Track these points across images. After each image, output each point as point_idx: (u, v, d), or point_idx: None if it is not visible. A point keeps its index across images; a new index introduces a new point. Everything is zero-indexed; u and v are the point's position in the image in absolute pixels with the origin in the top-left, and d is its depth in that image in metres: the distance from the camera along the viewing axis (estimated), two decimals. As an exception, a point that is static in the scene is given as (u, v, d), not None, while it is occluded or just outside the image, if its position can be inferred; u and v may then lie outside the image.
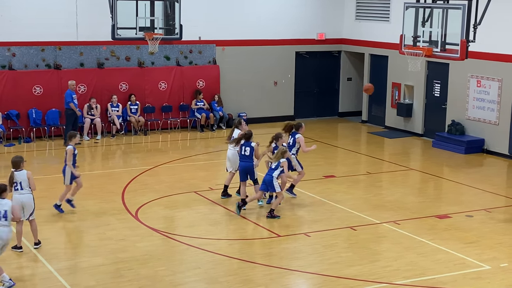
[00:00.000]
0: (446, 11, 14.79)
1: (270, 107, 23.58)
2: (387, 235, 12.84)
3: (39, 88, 20.32)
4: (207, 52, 22.64)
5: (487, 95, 19.44)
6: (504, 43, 18.69)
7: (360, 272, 11.03)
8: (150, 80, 21.75)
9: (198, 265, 11.26)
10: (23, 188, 11.57)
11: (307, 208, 14.38)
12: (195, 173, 16.89)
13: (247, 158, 13.97)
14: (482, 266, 11.37)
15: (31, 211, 11.67)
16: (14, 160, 11.68)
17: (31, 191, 11.67)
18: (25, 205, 11.58)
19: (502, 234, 12.95)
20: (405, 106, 22.08)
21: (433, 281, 10.76)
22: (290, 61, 23.90)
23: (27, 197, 11.61)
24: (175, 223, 13.60)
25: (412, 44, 15.35)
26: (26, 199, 11.60)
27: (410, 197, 15.33)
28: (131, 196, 14.93)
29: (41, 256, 11.45)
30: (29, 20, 20.15)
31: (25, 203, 11.57)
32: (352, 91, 25.10)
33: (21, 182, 11.57)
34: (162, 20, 18.80)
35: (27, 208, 11.61)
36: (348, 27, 24.30)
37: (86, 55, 21.03)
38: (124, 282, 10.52)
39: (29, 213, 11.66)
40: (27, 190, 11.61)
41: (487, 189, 16.05)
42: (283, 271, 11.06)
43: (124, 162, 17.96)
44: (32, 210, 11.68)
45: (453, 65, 20.15)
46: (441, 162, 18.68)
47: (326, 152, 19.46)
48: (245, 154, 13.97)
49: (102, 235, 12.60)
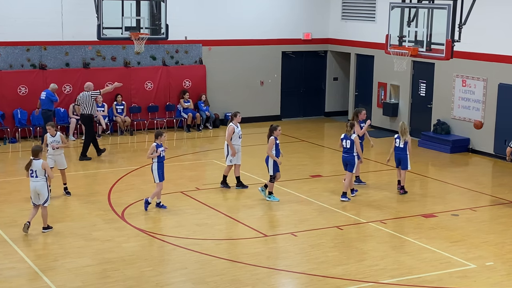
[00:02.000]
0: (431, 11, 14.87)
1: (257, 107, 23.59)
2: (373, 235, 12.88)
3: (24, 88, 20.21)
4: (194, 52, 22.61)
5: (472, 95, 19.54)
6: (489, 42, 18.80)
7: (346, 271, 11.05)
8: (136, 80, 21.69)
9: (184, 265, 11.25)
10: (38, 176, 12.37)
11: (293, 207, 14.40)
12: (181, 173, 16.86)
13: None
14: (467, 264, 11.43)
15: (45, 198, 12.43)
16: (33, 149, 12.51)
17: (45, 179, 12.44)
18: (39, 192, 12.38)
19: (488, 233, 13.03)
20: (391, 105, 22.16)
21: (419, 280, 10.80)
22: (276, 61, 23.92)
23: (40, 184, 12.38)
24: (162, 223, 13.57)
25: (398, 44, 15.41)
26: (40, 186, 12.38)
27: (396, 196, 15.38)
28: (117, 196, 14.89)
29: (27, 257, 11.39)
30: (14, 20, 20.03)
31: (39, 190, 12.37)
32: (338, 91, 25.16)
33: (37, 170, 12.36)
34: (148, 20, 18.77)
35: (42, 195, 12.39)
36: (334, 27, 24.35)
37: (71, 55, 20.94)
38: (110, 283, 10.49)
39: (43, 199, 12.42)
40: (41, 178, 12.38)
41: (473, 188, 16.14)
42: (270, 271, 11.07)
43: (110, 163, 17.89)
44: (46, 198, 12.45)
45: (438, 65, 20.25)
46: (426, 162, 18.76)
47: (312, 152, 19.49)
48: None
49: (88, 235, 12.55)
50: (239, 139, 15.28)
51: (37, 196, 12.43)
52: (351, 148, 14.66)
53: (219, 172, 16.18)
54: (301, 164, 17.49)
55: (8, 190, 15.36)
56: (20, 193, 15.12)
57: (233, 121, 15.28)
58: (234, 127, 15.16)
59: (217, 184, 15.73)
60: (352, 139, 14.63)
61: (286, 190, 15.39)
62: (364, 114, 15.86)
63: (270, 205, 14.45)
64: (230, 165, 15.34)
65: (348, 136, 14.68)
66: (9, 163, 17.90)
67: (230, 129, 15.12)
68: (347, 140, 14.70)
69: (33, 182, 12.41)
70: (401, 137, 15.10)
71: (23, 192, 15.20)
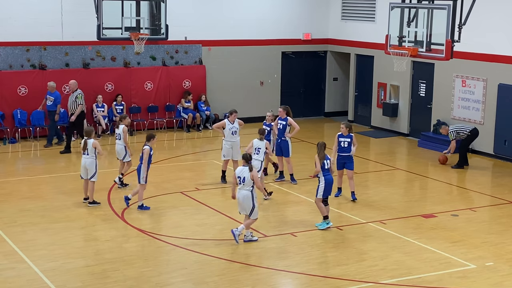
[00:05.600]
0: (431, 11, 14.86)
1: (256, 107, 23.56)
2: (373, 235, 12.88)
3: (24, 88, 20.21)
4: (193, 52, 22.61)
5: (472, 95, 19.54)
6: (489, 43, 18.80)
7: (346, 271, 11.06)
8: (136, 80, 21.69)
9: (184, 265, 11.25)
10: (88, 154, 14.03)
11: (293, 208, 14.40)
12: (181, 174, 16.86)
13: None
14: (467, 265, 11.43)
15: (93, 173, 14.02)
16: (86, 130, 14.38)
17: (94, 157, 14.06)
18: (88, 168, 14.03)
19: (487, 233, 13.03)
20: (390, 106, 22.16)
21: (418, 280, 10.81)
22: (276, 61, 23.92)
23: (90, 161, 14.06)
24: (162, 223, 13.57)
25: (397, 44, 15.40)
26: (89, 163, 14.07)
27: (396, 196, 15.38)
28: (117, 196, 14.87)
29: (27, 258, 11.39)
30: (14, 20, 20.04)
31: (88, 166, 14.05)
32: (338, 91, 25.16)
33: (88, 148, 14.00)
34: (148, 20, 18.75)
35: (90, 170, 14.02)
36: (334, 27, 24.35)
37: (71, 55, 20.94)
38: (110, 283, 10.49)
39: (91, 174, 14.04)
40: (91, 156, 14.03)
41: (472, 189, 16.15)
42: (270, 271, 11.07)
43: (110, 163, 17.88)
44: (93, 173, 14.02)
45: (438, 65, 20.25)
46: (426, 162, 18.76)
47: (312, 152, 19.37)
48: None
49: (88, 236, 12.56)
50: (232, 135, 15.79)
51: (86, 171, 14.06)
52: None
53: (219, 172, 16.21)
54: (301, 164, 17.48)
55: (8, 190, 15.36)
56: (20, 193, 15.14)
57: (228, 118, 15.94)
58: (226, 122, 15.86)
59: (217, 184, 15.78)
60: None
61: (286, 190, 15.39)
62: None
63: (270, 205, 14.45)
64: (226, 159, 15.79)
65: (344, 135, 14.66)
66: (9, 163, 17.90)
67: (222, 122, 16.07)
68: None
69: (84, 158, 14.11)
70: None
71: (23, 192, 15.23)
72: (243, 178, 12.03)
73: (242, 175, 12.04)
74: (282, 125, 16.09)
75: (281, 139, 16.04)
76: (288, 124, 16.09)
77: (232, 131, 15.81)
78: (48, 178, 16.43)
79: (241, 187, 12.11)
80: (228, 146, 15.78)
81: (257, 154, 14.42)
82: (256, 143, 14.57)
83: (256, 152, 14.44)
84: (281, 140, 16.02)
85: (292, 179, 16.07)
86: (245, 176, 12.00)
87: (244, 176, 12.01)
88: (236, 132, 15.84)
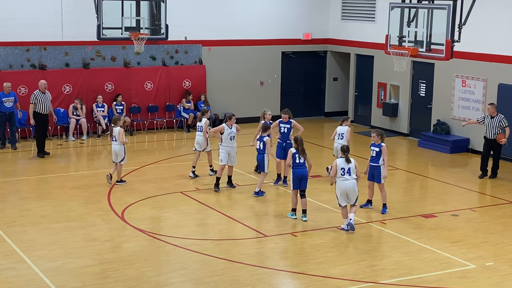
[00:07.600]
0: (431, 11, 14.87)
1: (256, 107, 23.48)
2: (373, 235, 12.89)
3: (24, 88, 20.21)
4: (193, 52, 22.61)
5: (472, 95, 19.55)
6: (489, 43, 18.81)
7: (346, 271, 11.06)
8: (136, 80, 21.69)
9: (184, 265, 11.25)
10: (116, 140, 15.38)
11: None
12: (181, 173, 16.86)
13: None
14: (467, 265, 11.43)
15: (122, 157, 15.43)
16: (113, 118, 15.75)
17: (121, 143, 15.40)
18: (117, 153, 15.41)
19: (487, 233, 13.03)
20: (390, 106, 22.16)
21: (419, 280, 10.81)
22: (276, 61, 23.92)
23: (118, 147, 15.40)
24: (162, 223, 13.57)
25: (397, 44, 15.41)
26: (118, 148, 15.41)
27: (396, 196, 15.38)
28: (117, 196, 14.89)
29: (27, 258, 11.39)
30: (13, 20, 20.03)
31: (117, 151, 15.41)
32: (338, 91, 25.16)
33: (115, 135, 15.36)
34: (148, 20, 18.76)
35: (119, 155, 15.40)
36: (334, 27, 24.35)
37: (71, 55, 20.94)
38: (110, 283, 10.49)
39: (120, 158, 15.43)
40: (118, 143, 15.36)
41: (472, 188, 16.15)
42: (270, 271, 11.07)
43: (110, 163, 17.87)
44: (122, 157, 15.43)
45: (438, 65, 20.25)
46: (426, 162, 18.76)
47: (312, 152, 19.45)
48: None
49: (88, 236, 12.55)
50: (231, 141, 15.35)
51: (116, 156, 15.43)
52: (377, 156, 13.94)
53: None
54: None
55: (8, 190, 15.37)
56: (20, 193, 15.15)
57: (226, 123, 15.43)
58: (224, 127, 15.37)
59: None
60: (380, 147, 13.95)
61: (286, 191, 15.39)
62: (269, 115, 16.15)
63: (270, 205, 14.45)
64: (223, 165, 15.37)
65: (375, 144, 14.04)
66: (9, 163, 17.90)
67: (220, 127, 15.60)
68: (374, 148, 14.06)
69: (113, 145, 15.46)
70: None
71: (23, 192, 15.23)
72: (347, 169, 12.63)
73: (346, 167, 12.63)
74: (286, 128, 16.00)
75: (286, 142, 15.93)
76: (292, 126, 16.02)
77: (231, 136, 15.34)
78: (48, 178, 16.43)
79: (346, 177, 12.67)
80: (225, 151, 15.27)
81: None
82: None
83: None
84: (286, 143, 15.91)
85: (285, 181, 15.94)
86: (349, 167, 12.65)
87: (348, 166, 12.64)
88: (234, 137, 15.45)
